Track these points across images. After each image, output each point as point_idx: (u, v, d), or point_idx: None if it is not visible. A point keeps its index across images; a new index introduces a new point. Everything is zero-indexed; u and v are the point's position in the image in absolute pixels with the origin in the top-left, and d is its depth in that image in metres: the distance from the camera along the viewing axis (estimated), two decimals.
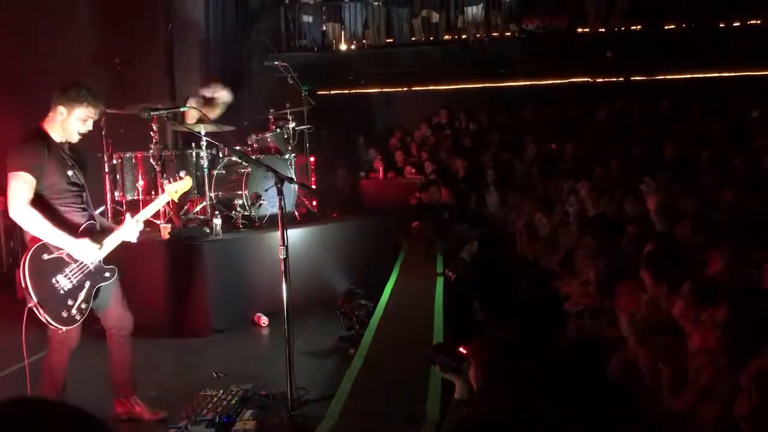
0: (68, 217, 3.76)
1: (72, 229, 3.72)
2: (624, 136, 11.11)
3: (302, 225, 7.07)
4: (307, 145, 7.96)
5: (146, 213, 4.11)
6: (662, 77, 13.10)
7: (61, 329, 3.70)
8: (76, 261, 3.73)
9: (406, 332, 5.09)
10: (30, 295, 3.59)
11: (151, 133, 6.40)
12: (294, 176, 7.31)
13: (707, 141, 10.14)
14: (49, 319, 3.64)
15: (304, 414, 3.96)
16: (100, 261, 3.83)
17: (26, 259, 3.62)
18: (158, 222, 6.48)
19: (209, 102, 7.57)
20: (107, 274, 3.88)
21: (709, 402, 2.97)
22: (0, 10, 8.52)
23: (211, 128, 6.75)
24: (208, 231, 6.44)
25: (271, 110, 7.70)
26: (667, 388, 3.26)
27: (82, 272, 3.75)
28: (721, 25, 12.40)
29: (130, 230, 3.91)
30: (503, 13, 13.03)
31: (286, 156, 7.40)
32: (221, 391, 4.25)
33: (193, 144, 6.80)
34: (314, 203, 7.77)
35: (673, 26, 12.57)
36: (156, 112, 5.33)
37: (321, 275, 6.73)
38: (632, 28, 12.61)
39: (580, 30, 12.81)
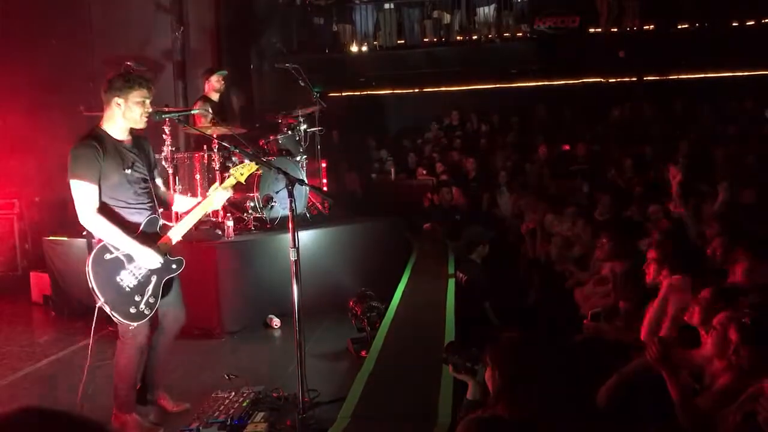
0: (129, 216, 3.80)
1: (132, 228, 3.77)
2: (637, 136, 11.05)
3: (314, 227, 7.07)
4: (319, 147, 7.97)
5: (230, 182, 4.12)
6: (675, 77, 13.02)
7: (132, 325, 3.75)
8: None
9: (417, 334, 5.08)
10: (96, 295, 3.65)
11: (164, 135, 6.42)
12: (305, 178, 7.32)
13: (721, 141, 10.07)
14: (118, 317, 3.70)
15: (315, 416, 3.96)
16: (166, 255, 3.88)
17: (90, 261, 3.67)
18: (214, 219, 6.54)
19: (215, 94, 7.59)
20: (174, 266, 3.94)
21: (728, 408, 2.93)
22: (16, 14, 8.61)
23: (222, 130, 6.76)
24: (220, 233, 6.46)
25: (282, 112, 7.71)
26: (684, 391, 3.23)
27: (147, 267, 3.80)
28: (734, 24, 12.30)
29: (216, 198, 4.03)
30: (515, 13, 13.00)
31: (298, 158, 7.41)
32: (233, 393, 4.26)
33: (205, 146, 6.82)
34: (326, 205, 7.77)
35: (686, 25, 12.48)
36: (167, 115, 5.34)
37: (333, 277, 6.72)
38: (645, 27, 12.54)
39: (592, 30, 12.75)
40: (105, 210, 3.72)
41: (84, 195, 3.65)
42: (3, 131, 8.72)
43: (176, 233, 3.94)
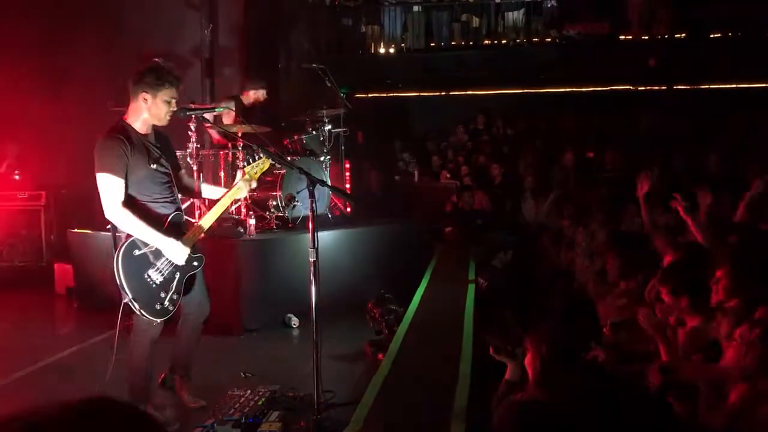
0: (155, 209, 3.83)
1: (159, 221, 3.80)
2: (666, 145, 10.89)
3: (335, 227, 7.07)
4: (343, 147, 7.97)
5: (253, 170, 4.17)
6: (707, 86, 12.82)
7: (156, 321, 3.79)
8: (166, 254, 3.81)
9: (435, 339, 5.04)
10: (124, 291, 3.67)
11: (189, 132, 6.46)
12: (328, 179, 7.33)
13: (753, 152, 9.88)
14: (144, 313, 3.72)
15: (330, 417, 3.95)
16: (188, 252, 3.90)
17: (118, 256, 3.69)
18: (236, 217, 6.59)
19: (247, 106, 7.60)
20: (195, 263, 3.97)
21: (748, 419, 2.88)
22: (47, 8, 8.75)
23: (247, 129, 6.79)
24: (242, 231, 6.49)
25: (308, 112, 7.72)
26: (705, 404, 3.18)
27: (172, 264, 3.82)
28: None
29: (240, 189, 4.05)
30: (544, 18, 12.91)
31: (321, 158, 7.42)
32: (249, 392, 4.26)
33: (230, 144, 6.86)
34: (347, 206, 7.77)
35: (719, 34, 12.29)
36: (192, 112, 5.39)
37: (352, 278, 6.72)
38: (676, 36, 12.37)
39: (622, 37, 12.61)
40: (132, 204, 3.74)
41: (110, 188, 3.67)
42: (31, 124, 8.87)
43: (207, 220, 3.97)
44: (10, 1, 8.81)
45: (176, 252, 3.79)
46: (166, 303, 3.79)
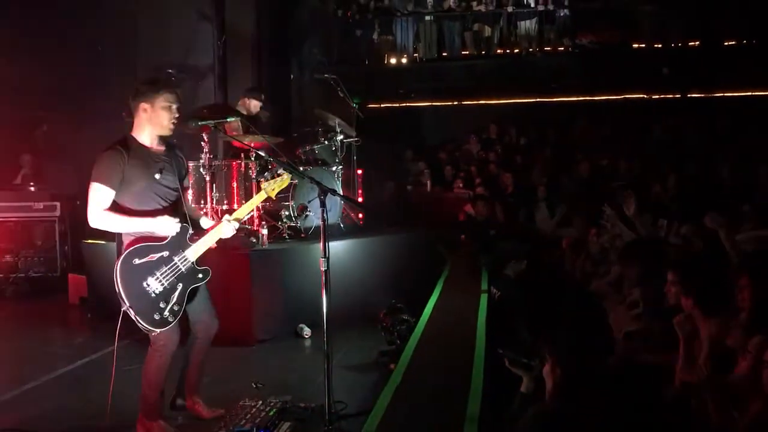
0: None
1: (160, 237, 3.79)
2: (680, 154, 10.81)
3: (347, 237, 7.06)
4: (355, 157, 7.98)
5: (242, 212, 4.18)
6: (721, 94, 12.73)
7: (154, 332, 3.77)
8: (168, 264, 3.79)
9: (447, 349, 5.01)
10: (122, 299, 3.67)
11: (202, 143, 6.50)
12: (340, 189, 7.33)
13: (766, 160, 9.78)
14: (142, 322, 3.71)
15: (341, 428, 3.93)
16: (193, 263, 3.89)
17: (118, 264, 3.69)
18: (249, 227, 6.61)
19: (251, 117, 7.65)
20: (200, 276, 3.94)
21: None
22: (62, 21, 8.85)
23: (259, 139, 6.82)
24: (254, 241, 6.50)
25: (320, 122, 7.74)
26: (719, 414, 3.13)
27: (174, 275, 3.80)
28: None
29: (225, 229, 3.99)
30: (557, 27, 12.89)
31: (333, 168, 7.43)
32: (260, 402, 4.25)
33: (242, 154, 6.88)
34: (359, 216, 7.76)
35: (733, 42, 12.21)
36: (203, 122, 5.41)
37: (364, 288, 6.70)
38: (690, 44, 12.31)
39: (635, 45, 12.56)
40: (128, 214, 3.75)
41: (97, 197, 3.69)
42: (46, 136, 8.96)
43: (192, 253, 3.91)
44: (29, 13, 8.92)
45: (167, 226, 3.76)
46: (166, 313, 3.75)
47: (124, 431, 3.95)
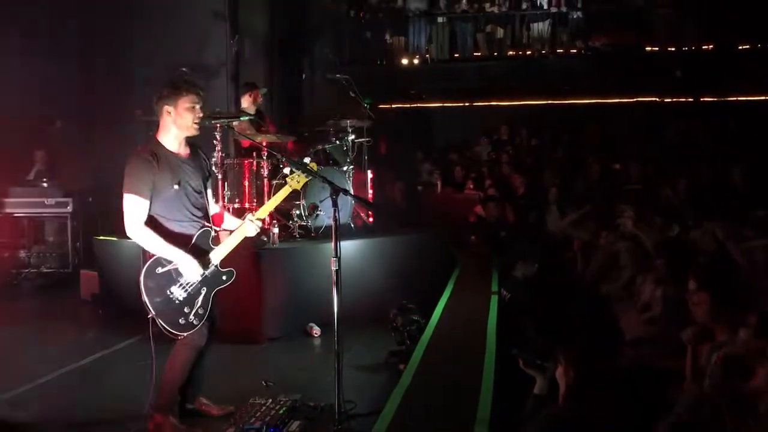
0: (181, 230, 3.86)
1: (184, 241, 3.82)
2: (692, 157, 10.76)
3: (357, 237, 7.07)
4: (366, 157, 7.98)
5: (267, 207, 4.24)
6: (734, 98, 12.66)
7: (180, 335, 3.82)
8: None
9: (457, 350, 5.00)
10: (148, 307, 3.72)
11: (214, 141, 6.52)
12: (351, 188, 7.33)
13: None
14: (168, 328, 3.76)
15: (351, 428, 3.92)
16: (216, 266, 3.92)
17: (142, 274, 3.74)
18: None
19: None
20: (224, 278, 3.97)
21: None
22: (74, 18, 8.91)
23: (271, 138, 6.83)
24: (265, 240, 6.51)
25: (331, 122, 7.75)
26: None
27: (197, 280, 3.84)
28: None
29: (248, 228, 4.02)
30: (569, 29, 12.86)
31: (344, 168, 7.44)
32: (270, 400, 4.26)
33: (254, 153, 6.90)
34: (370, 216, 7.76)
35: (747, 46, 12.14)
36: (216, 121, 5.43)
37: (375, 288, 6.70)
38: (704, 47, 12.24)
39: (648, 48, 12.51)
40: (156, 223, 3.79)
41: (133, 209, 3.72)
42: (60, 133, 9.01)
43: (216, 255, 3.94)
44: (49, 12, 8.99)
45: (191, 270, 3.80)
46: (191, 317, 3.80)
47: (134, 426, 3.98)
